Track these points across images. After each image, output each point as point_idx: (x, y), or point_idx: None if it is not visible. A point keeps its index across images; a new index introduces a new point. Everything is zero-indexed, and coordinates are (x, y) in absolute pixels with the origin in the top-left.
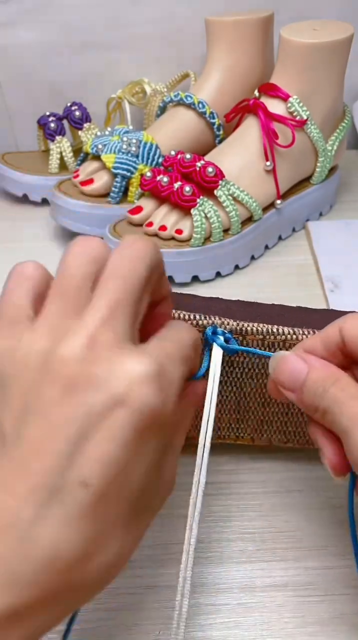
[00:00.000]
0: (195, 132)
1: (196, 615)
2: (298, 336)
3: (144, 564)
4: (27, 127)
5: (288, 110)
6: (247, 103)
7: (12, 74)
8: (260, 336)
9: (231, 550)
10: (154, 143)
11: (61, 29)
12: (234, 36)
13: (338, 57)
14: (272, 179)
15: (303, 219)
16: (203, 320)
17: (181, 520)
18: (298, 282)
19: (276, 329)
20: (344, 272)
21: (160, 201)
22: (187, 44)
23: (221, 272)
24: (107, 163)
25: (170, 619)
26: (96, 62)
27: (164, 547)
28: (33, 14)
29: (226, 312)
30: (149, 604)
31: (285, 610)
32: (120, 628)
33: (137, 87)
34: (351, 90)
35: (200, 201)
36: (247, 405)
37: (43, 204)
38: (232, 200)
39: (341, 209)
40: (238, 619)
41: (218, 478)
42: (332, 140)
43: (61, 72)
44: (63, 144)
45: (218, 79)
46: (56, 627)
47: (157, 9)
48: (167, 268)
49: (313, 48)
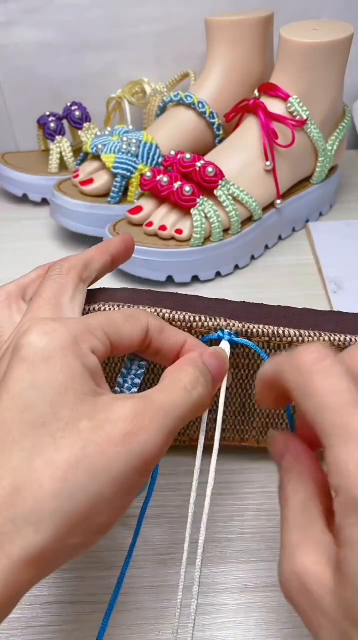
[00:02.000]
0: (195, 132)
1: (196, 615)
2: (305, 338)
3: (144, 564)
4: (27, 127)
5: (288, 110)
6: (247, 103)
7: (12, 74)
8: (266, 338)
9: (231, 550)
10: (154, 143)
11: (61, 29)
12: (234, 36)
13: (338, 57)
14: (272, 179)
15: (303, 219)
16: (209, 322)
17: (181, 520)
18: (299, 282)
19: (282, 330)
20: (347, 273)
21: (160, 201)
22: (187, 44)
23: (221, 272)
24: (107, 163)
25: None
26: (96, 62)
27: (163, 547)
28: (33, 14)
29: (232, 313)
30: (149, 604)
31: (285, 610)
32: (121, 628)
33: (137, 87)
34: (351, 90)
35: (200, 201)
36: (252, 407)
37: (43, 204)
38: (232, 200)
39: (341, 209)
40: (238, 619)
41: (218, 478)
42: (332, 140)
43: (61, 72)
44: (63, 144)
45: (218, 79)
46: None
47: (157, 8)
48: (167, 268)
49: (313, 48)
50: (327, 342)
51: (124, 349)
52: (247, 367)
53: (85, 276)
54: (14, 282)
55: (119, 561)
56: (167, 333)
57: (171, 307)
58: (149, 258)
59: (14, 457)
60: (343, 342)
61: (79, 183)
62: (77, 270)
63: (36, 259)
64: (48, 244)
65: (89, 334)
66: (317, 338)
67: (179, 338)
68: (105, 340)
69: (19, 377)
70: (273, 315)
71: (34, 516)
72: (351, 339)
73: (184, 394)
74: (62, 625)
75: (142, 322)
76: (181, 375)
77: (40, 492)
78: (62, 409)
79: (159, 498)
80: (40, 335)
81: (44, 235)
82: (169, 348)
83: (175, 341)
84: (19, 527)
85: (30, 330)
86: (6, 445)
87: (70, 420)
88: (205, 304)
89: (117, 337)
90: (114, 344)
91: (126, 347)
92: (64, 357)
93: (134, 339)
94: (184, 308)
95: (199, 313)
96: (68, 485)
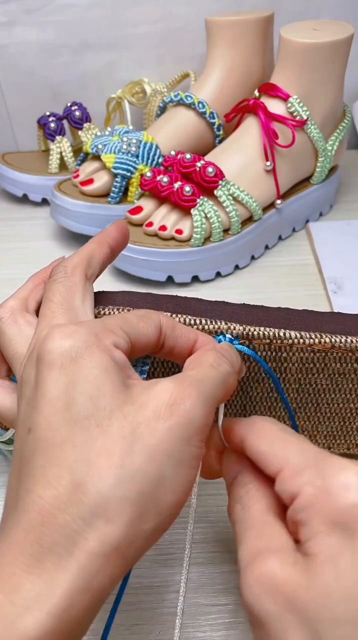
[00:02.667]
0: (195, 132)
1: (196, 615)
2: (306, 340)
3: (144, 564)
4: (27, 127)
5: (288, 110)
6: (247, 103)
7: (12, 74)
8: (267, 340)
9: (231, 550)
10: (154, 143)
11: (61, 29)
12: (234, 36)
13: (338, 57)
14: (272, 179)
15: (303, 219)
16: (210, 324)
17: (181, 520)
18: (299, 282)
19: (283, 333)
20: (347, 273)
21: (160, 201)
22: (187, 44)
23: (221, 272)
24: (107, 163)
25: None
26: (96, 62)
27: (163, 547)
28: (33, 14)
29: (232, 316)
30: (149, 604)
31: None
32: (120, 628)
33: (137, 87)
34: (351, 90)
35: (200, 201)
36: (253, 409)
37: (43, 204)
38: (232, 200)
39: (341, 209)
40: (238, 619)
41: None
42: (332, 140)
43: (61, 72)
44: (63, 144)
45: (219, 79)
46: None
47: (157, 8)
48: (167, 268)
49: (313, 48)
50: (328, 343)
51: (141, 346)
52: (248, 370)
53: (89, 273)
54: (12, 296)
55: None
56: (179, 330)
57: (171, 309)
58: (148, 258)
59: (68, 455)
60: (344, 344)
61: (79, 183)
62: (81, 268)
63: (36, 259)
64: (48, 244)
65: (108, 331)
66: (318, 340)
67: (191, 335)
68: (125, 337)
69: (52, 382)
70: (274, 316)
71: (100, 508)
72: (352, 340)
73: (212, 369)
74: None
75: (154, 320)
76: (204, 357)
77: (101, 482)
78: (103, 400)
79: None
80: (62, 339)
81: (44, 235)
82: (182, 345)
83: (187, 338)
84: (89, 521)
85: (51, 337)
86: (58, 446)
87: (114, 407)
88: (205, 307)
89: (134, 335)
90: (133, 342)
91: (144, 344)
92: (91, 354)
93: (150, 337)
94: (184, 311)
95: (199, 316)
96: (127, 469)
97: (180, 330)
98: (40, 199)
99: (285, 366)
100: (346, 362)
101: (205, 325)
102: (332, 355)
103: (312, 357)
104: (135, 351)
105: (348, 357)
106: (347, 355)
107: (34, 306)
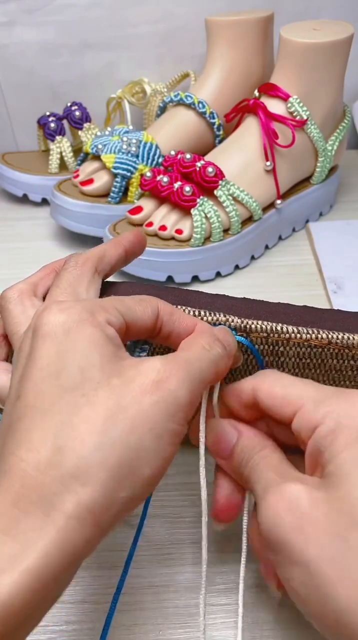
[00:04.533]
0: (195, 132)
1: (196, 615)
2: (303, 335)
3: (144, 564)
4: (27, 127)
5: (288, 110)
6: (247, 103)
7: (12, 74)
8: (264, 334)
9: (230, 550)
10: (154, 143)
11: (61, 29)
12: (234, 36)
13: (338, 57)
14: (272, 179)
15: (303, 219)
16: (208, 316)
17: (181, 520)
18: (299, 282)
19: (280, 327)
20: (347, 273)
21: (160, 201)
22: (187, 44)
23: (221, 272)
24: (107, 163)
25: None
26: (96, 62)
27: (163, 547)
28: (33, 14)
29: (230, 309)
30: (149, 604)
31: (285, 610)
32: (120, 628)
33: (137, 87)
34: (351, 90)
35: (200, 201)
36: None
37: (43, 204)
38: (232, 200)
39: (341, 209)
40: (238, 619)
41: None
42: (332, 140)
43: (61, 72)
44: (63, 144)
45: (219, 79)
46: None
47: (157, 8)
48: (167, 268)
49: (313, 48)
50: (325, 339)
51: (137, 329)
52: (245, 362)
53: (100, 268)
54: (23, 280)
55: (119, 561)
56: (177, 316)
57: (171, 301)
58: (148, 258)
59: (53, 420)
60: (341, 340)
61: (79, 183)
62: (92, 261)
63: (36, 259)
64: (48, 244)
65: (103, 310)
66: (315, 335)
67: (189, 322)
68: (119, 317)
69: (44, 351)
70: (273, 311)
71: (79, 471)
72: (349, 337)
73: (204, 351)
74: (63, 625)
75: (152, 304)
76: (197, 339)
77: (82, 447)
78: (91, 371)
79: (159, 498)
80: (57, 313)
81: (44, 235)
82: (179, 331)
83: (185, 325)
84: (67, 484)
85: (48, 310)
86: (45, 412)
87: (101, 379)
88: (205, 299)
89: (130, 317)
90: (128, 323)
91: (140, 327)
92: (83, 328)
93: (147, 320)
94: (184, 303)
95: (199, 308)
96: (108, 437)
97: (179, 316)
98: (40, 199)
99: (282, 360)
100: (343, 358)
101: (204, 317)
102: (328, 351)
103: (309, 352)
104: (130, 333)
105: (345, 354)
106: (343, 351)
107: (42, 292)
